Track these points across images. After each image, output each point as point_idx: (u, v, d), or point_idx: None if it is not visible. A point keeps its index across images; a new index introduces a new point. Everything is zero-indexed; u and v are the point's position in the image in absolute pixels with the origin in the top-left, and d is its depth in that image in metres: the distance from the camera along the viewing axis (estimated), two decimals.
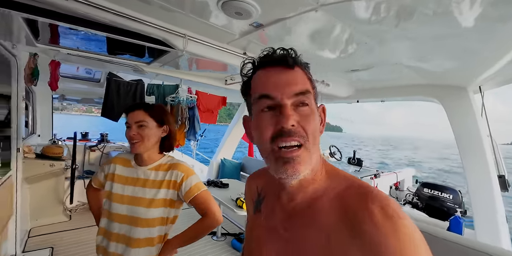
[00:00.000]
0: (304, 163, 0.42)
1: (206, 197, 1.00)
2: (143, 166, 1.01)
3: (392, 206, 0.38)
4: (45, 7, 1.23)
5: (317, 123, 0.45)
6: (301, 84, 0.45)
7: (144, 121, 0.97)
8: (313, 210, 0.44)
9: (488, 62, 1.54)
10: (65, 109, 7.59)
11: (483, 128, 1.83)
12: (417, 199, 3.17)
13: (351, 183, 0.44)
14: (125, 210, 0.96)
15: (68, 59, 2.32)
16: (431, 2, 0.93)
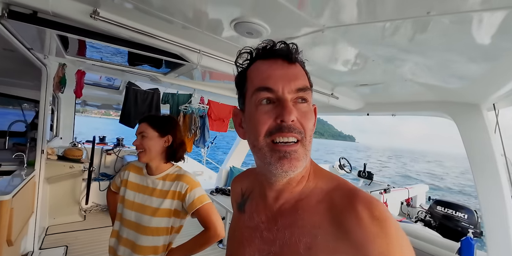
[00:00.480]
0: (300, 158, 0.42)
1: (208, 210, 1.00)
2: (152, 175, 1.06)
3: (379, 207, 0.38)
4: (76, 25, 1.37)
5: (312, 120, 0.45)
6: (302, 80, 0.44)
7: (145, 132, 1.04)
8: (299, 210, 0.44)
9: (503, 80, 1.52)
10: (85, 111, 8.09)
11: (497, 146, 1.77)
12: (430, 217, 3.05)
13: (338, 184, 0.44)
14: (133, 216, 1.01)
15: (92, 69, 2.50)
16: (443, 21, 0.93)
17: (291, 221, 0.44)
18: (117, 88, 3.73)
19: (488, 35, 0.98)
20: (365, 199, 0.39)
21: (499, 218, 1.65)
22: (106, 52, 2.07)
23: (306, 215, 0.42)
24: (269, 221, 0.47)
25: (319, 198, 0.43)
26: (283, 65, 0.44)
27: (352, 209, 0.38)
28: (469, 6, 0.77)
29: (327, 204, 0.42)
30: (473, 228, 2.55)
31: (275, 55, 0.45)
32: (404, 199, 3.60)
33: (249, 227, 0.50)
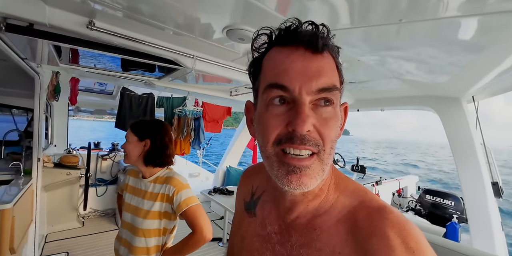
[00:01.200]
0: (314, 175, 0.34)
1: (194, 212, 0.99)
2: (145, 179, 1.10)
3: (415, 235, 0.32)
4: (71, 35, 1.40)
5: (338, 128, 0.36)
6: (328, 77, 0.34)
7: (127, 136, 1.10)
8: (317, 229, 0.38)
9: (480, 74, 1.63)
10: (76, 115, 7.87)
11: (476, 136, 1.90)
12: (419, 206, 3.20)
13: (364, 200, 0.37)
14: (129, 218, 1.06)
15: (85, 75, 2.51)
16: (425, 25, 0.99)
17: (307, 241, 0.38)
18: (110, 93, 3.72)
19: (466, 36, 1.07)
20: (398, 224, 0.32)
21: (479, 202, 1.78)
22: (99, 58, 2.10)
23: (324, 236, 0.36)
24: (282, 233, 0.41)
25: (340, 216, 0.37)
26: (305, 56, 0.34)
27: (381, 235, 0.32)
28: (443, 14, 0.86)
29: (349, 225, 0.35)
30: (459, 214, 2.70)
31: (296, 41, 0.34)
32: (395, 190, 3.75)
33: (261, 236, 0.44)
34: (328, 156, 0.35)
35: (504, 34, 1.01)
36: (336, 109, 0.36)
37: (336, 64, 0.37)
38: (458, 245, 1.08)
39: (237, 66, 1.87)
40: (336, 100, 0.36)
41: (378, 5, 0.85)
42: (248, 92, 2.83)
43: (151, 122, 1.16)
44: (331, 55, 0.36)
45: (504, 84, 1.76)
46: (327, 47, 0.35)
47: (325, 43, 0.35)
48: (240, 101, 3.24)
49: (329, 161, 0.36)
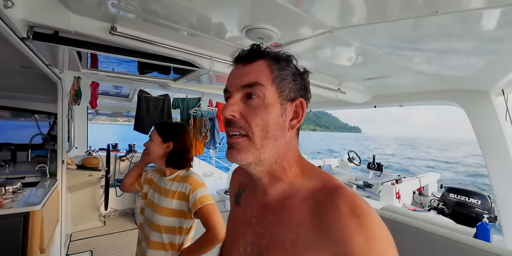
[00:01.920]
0: (243, 151, 0.43)
1: (209, 211, 0.99)
2: (165, 177, 1.14)
3: (361, 204, 0.38)
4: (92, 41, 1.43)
5: (271, 116, 0.44)
6: (252, 76, 0.45)
7: (152, 136, 1.14)
8: (285, 208, 0.45)
9: (510, 65, 1.54)
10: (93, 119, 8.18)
11: (507, 131, 1.80)
12: (443, 204, 3.08)
13: (326, 182, 0.44)
14: (149, 214, 1.09)
15: (104, 79, 2.58)
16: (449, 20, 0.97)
17: (278, 218, 0.45)
18: (126, 95, 3.81)
19: (493, 26, 1.01)
20: (347, 196, 0.39)
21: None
22: (117, 62, 2.14)
23: (291, 213, 0.44)
24: (259, 216, 0.49)
25: (305, 196, 0.44)
26: (239, 67, 0.47)
27: (333, 206, 0.39)
28: (472, 5, 0.81)
29: (311, 203, 0.42)
30: (487, 213, 2.58)
31: (238, 60, 0.49)
32: (416, 189, 3.62)
33: (243, 220, 0.52)
34: (260, 138, 0.44)
35: None
36: (264, 101, 0.44)
37: (270, 68, 0.46)
38: (491, 246, 1.03)
39: None
40: (263, 93, 0.44)
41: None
42: None
43: (175, 125, 1.20)
44: (266, 61, 0.46)
45: None
46: (257, 57, 0.46)
47: (254, 56, 0.47)
48: None
49: (267, 144, 0.44)
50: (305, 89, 0.50)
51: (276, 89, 0.45)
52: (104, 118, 13.09)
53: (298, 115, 0.48)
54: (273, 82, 0.45)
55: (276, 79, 0.45)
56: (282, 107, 0.45)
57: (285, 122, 0.46)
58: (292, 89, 0.47)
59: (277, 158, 0.46)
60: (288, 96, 0.46)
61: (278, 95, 0.45)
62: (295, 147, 0.49)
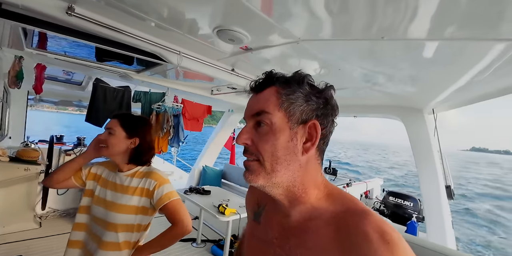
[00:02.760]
0: (255, 174, 0.45)
1: (176, 206, 1.01)
2: (121, 172, 1.06)
3: (390, 231, 0.37)
4: (44, 19, 1.28)
5: (280, 141, 0.45)
6: (260, 105, 0.47)
7: (113, 129, 1.03)
8: (308, 232, 0.44)
9: (439, 90, 1.84)
10: (35, 105, 6.82)
11: (434, 144, 2.13)
12: (383, 206, 3.48)
13: (349, 206, 0.44)
14: (101, 213, 1.01)
15: (53, 62, 2.30)
16: (396, 45, 1.14)
17: (301, 242, 0.44)
18: (78, 83, 3.44)
19: (430, 55, 1.21)
20: (375, 222, 0.38)
21: (435, 203, 2.00)
22: (71, 44, 1.94)
23: (314, 237, 0.43)
24: (281, 238, 0.48)
25: (328, 220, 0.43)
26: (253, 97, 0.50)
27: (361, 231, 0.38)
28: (416, 36, 0.96)
29: (336, 227, 0.41)
30: (417, 214, 3.00)
31: (251, 90, 0.51)
32: (363, 192, 4.02)
33: (264, 241, 0.51)
34: (270, 163, 0.45)
35: (458, 59, 1.18)
36: (273, 127, 0.45)
37: (277, 95, 0.47)
38: (417, 238, 1.22)
39: (223, 66, 1.86)
40: (270, 120, 0.45)
41: (368, 22, 0.93)
42: (230, 92, 2.83)
43: (141, 119, 1.12)
44: (274, 87, 0.48)
45: (458, 100, 2.00)
46: (267, 85, 0.48)
47: (263, 85, 0.49)
48: (221, 100, 3.22)
49: (279, 169, 0.45)
50: (324, 107, 0.48)
51: (285, 114, 0.46)
52: (48, 105, 11.24)
53: (312, 138, 0.46)
54: (280, 107, 0.46)
55: (284, 104, 0.46)
56: (292, 131, 0.45)
57: (296, 146, 0.45)
58: (304, 111, 0.46)
59: (294, 181, 0.46)
60: (299, 119, 0.46)
61: (287, 119, 0.45)
62: (315, 169, 0.48)
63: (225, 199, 2.44)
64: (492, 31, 0.88)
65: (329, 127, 0.49)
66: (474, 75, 1.37)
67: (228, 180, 3.98)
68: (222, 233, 2.88)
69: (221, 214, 2.02)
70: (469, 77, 1.41)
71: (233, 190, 3.62)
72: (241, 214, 2.05)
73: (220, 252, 2.36)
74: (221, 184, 3.94)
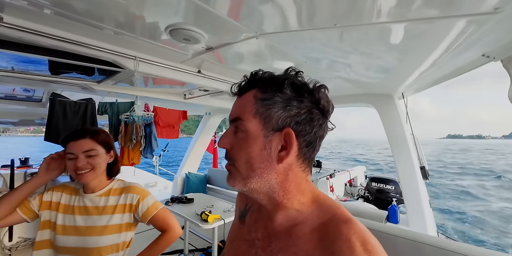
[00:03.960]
0: (232, 178, 0.47)
1: (163, 214, 1.03)
2: (90, 193, 0.98)
3: (372, 242, 0.39)
4: None
5: (253, 149, 0.43)
6: (235, 111, 0.47)
7: (94, 149, 0.94)
8: (292, 236, 0.44)
9: (406, 74, 1.89)
10: (7, 130, 6.12)
11: (407, 128, 2.20)
12: (367, 193, 3.57)
13: (335, 213, 0.44)
14: (74, 241, 0.92)
15: (2, 80, 2.10)
16: (357, 32, 1.13)
17: (285, 246, 0.44)
18: (38, 100, 3.18)
19: (394, 40, 1.22)
20: (359, 232, 0.40)
21: (412, 185, 2.07)
22: (18, 60, 1.77)
23: (299, 242, 0.43)
24: (264, 239, 0.48)
25: (314, 226, 0.43)
26: (235, 101, 0.50)
27: (345, 239, 0.39)
28: (374, 20, 0.95)
29: (321, 234, 0.42)
30: (398, 197, 3.10)
31: (234, 94, 0.50)
32: (347, 181, 4.10)
33: (247, 240, 0.51)
34: (245, 170, 0.44)
35: (423, 39, 1.18)
36: (247, 134, 0.44)
37: (255, 99, 0.45)
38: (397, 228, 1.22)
39: (188, 68, 1.79)
40: (245, 127, 0.44)
41: (318, 10, 0.90)
42: (203, 94, 2.75)
43: (103, 131, 1.05)
44: (253, 91, 0.46)
45: (424, 82, 2.08)
46: (247, 89, 0.47)
47: (245, 87, 0.48)
48: (196, 104, 3.12)
49: (250, 174, 0.44)
50: (307, 112, 0.44)
51: (260, 120, 0.44)
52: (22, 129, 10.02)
53: (286, 147, 0.44)
54: (255, 113, 0.44)
55: (259, 110, 0.44)
56: (266, 139, 0.44)
57: (270, 155, 0.44)
58: (281, 118, 0.43)
59: (272, 188, 0.45)
60: (275, 126, 0.43)
61: (262, 126, 0.44)
62: (298, 177, 0.47)
63: (209, 205, 2.36)
64: (452, 8, 0.88)
65: (316, 132, 0.45)
66: (437, 57, 1.40)
67: (214, 184, 3.89)
68: (210, 239, 2.79)
69: (204, 221, 1.94)
70: (432, 59, 1.45)
71: (219, 195, 3.54)
72: (225, 219, 1.98)
73: None
74: (207, 190, 3.84)
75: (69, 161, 0.92)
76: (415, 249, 1.01)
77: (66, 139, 0.95)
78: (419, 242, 1.00)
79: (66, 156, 0.93)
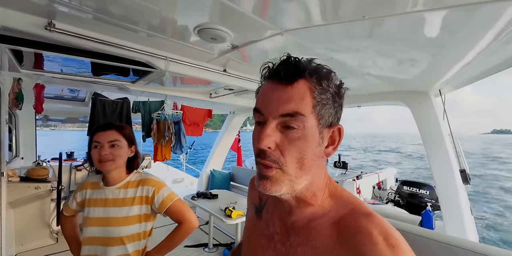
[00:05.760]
0: (277, 183, 0.41)
1: (179, 206, 1.05)
2: (110, 186, 1.03)
3: (395, 235, 0.37)
4: (30, 38, 1.31)
5: (310, 148, 0.41)
6: (292, 105, 0.40)
7: (118, 140, 1.01)
8: (311, 231, 0.43)
9: (444, 69, 1.73)
10: (57, 125, 7.17)
11: (445, 127, 2.02)
12: (398, 197, 3.34)
13: (354, 207, 0.43)
14: (97, 232, 0.99)
15: (52, 81, 2.36)
16: (388, 24, 1.06)
17: (304, 240, 0.43)
18: (82, 99, 3.53)
19: (431, 32, 1.12)
20: (381, 225, 0.38)
21: (450, 190, 1.89)
22: (66, 62, 1.98)
23: (319, 236, 0.42)
24: (282, 234, 0.47)
25: (333, 221, 0.42)
26: (277, 87, 0.41)
27: (366, 233, 0.37)
28: (410, 8, 0.89)
29: (341, 228, 0.41)
30: (433, 202, 2.86)
31: (274, 76, 0.43)
32: (375, 183, 3.89)
33: (265, 235, 0.50)
34: (294, 170, 0.41)
35: (464, 30, 1.07)
36: (303, 132, 0.40)
37: (312, 92, 0.40)
38: (431, 232, 1.14)
39: (214, 67, 1.84)
40: (303, 124, 0.40)
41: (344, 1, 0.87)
42: (228, 93, 2.81)
43: (128, 127, 1.12)
44: (307, 83, 0.41)
45: (465, 77, 1.89)
46: (299, 77, 0.41)
47: (296, 74, 0.41)
48: (221, 103, 3.20)
49: (302, 175, 0.41)
50: (341, 108, 0.44)
51: (316, 117, 0.41)
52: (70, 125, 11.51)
53: (334, 142, 0.44)
54: (314, 109, 0.41)
55: (318, 106, 0.41)
56: (320, 136, 0.42)
57: (322, 151, 0.43)
58: (331, 114, 0.42)
59: (310, 186, 0.44)
60: (326, 122, 0.42)
61: (317, 123, 0.41)
62: (325, 171, 0.47)
63: (232, 201, 2.41)
64: None
65: (342, 134, 0.46)
66: (482, 48, 1.26)
67: (237, 182, 3.96)
68: (233, 235, 2.85)
69: (228, 217, 1.99)
70: (476, 51, 1.31)
71: (242, 192, 3.59)
72: (247, 206, 2.00)
73: None
74: (230, 187, 3.92)
75: (95, 149, 1.00)
76: (451, 254, 0.93)
77: (95, 130, 1.04)
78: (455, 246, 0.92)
79: (92, 145, 1.02)
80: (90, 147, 1.02)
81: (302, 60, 0.43)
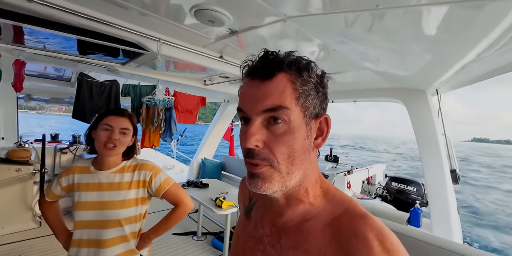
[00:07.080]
0: (269, 181, 0.40)
1: (175, 189, 1.10)
2: (104, 170, 1.03)
3: (391, 239, 0.36)
4: (6, 8, 1.17)
5: (297, 141, 0.40)
6: (273, 99, 0.39)
7: (128, 129, 1.03)
8: (304, 232, 0.41)
9: (443, 68, 1.71)
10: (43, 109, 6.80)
11: (439, 127, 2.03)
12: (386, 192, 3.43)
13: (348, 207, 0.41)
14: (91, 215, 0.98)
15: (34, 58, 2.19)
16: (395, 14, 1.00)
17: (296, 243, 0.42)
18: (68, 79, 3.34)
19: (433, 28, 1.08)
20: (377, 228, 0.36)
21: (440, 188, 1.92)
22: (50, 38, 1.83)
23: (311, 239, 0.40)
24: (272, 236, 0.45)
25: (326, 221, 0.41)
26: (258, 84, 0.40)
27: (361, 237, 0.36)
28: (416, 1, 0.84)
29: (334, 229, 0.39)
30: (420, 199, 2.95)
31: (251, 73, 0.42)
32: (365, 178, 3.97)
33: (254, 237, 0.49)
34: (286, 166, 0.39)
35: (466, 29, 1.04)
36: (290, 125, 0.39)
37: (292, 85, 0.39)
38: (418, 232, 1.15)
39: (210, 53, 1.75)
40: (288, 117, 0.39)
41: None
42: (223, 81, 2.71)
43: (134, 116, 1.12)
44: (287, 75, 0.40)
45: (465, 77, 1.87)
46: (276, 70, 0.40)
47: (273, 69, 0.39)
48: (215, 90, 3.10)
49: (293, 170, 0.40)
50: (326, 98, 0.44)
51: (301, 109, 0.40)
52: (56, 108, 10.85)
53: (322, 133, 0.43)
54: (297, 101, 0.39)
55: (301, 97, 0.40)
56: (307, 128, 0.41)
57: (310, 144, 0.42)
58: (316, 105, 0.41)
59: (302, 181, 0.42)
60: (312, 113, 0.41)
61: (303, 115, 0.40)
62: (316, 165, 0.45)
63: (223, 192, 2.39)
64: None
65: (330, 124, 0.45)
66: (485, 48, 1.23)
67: (228, 172, 3.94)
68: (223, 224, 2.86)
69: (218, 207, 1.97)
70: (478, 51, 1.28)
71: (233, 182, 3.59)
72: (238, 207, 2.00)
73: (220, 245, 2.34)
74: (221, 176, 3.91)
75: (104, 131, 0.99)
76: None
77: (107, 113, 1.03)
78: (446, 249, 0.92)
79: (101, 127, 1.00)
80: (94, 128, 1.01)
81: (279, 53, 0.42)
